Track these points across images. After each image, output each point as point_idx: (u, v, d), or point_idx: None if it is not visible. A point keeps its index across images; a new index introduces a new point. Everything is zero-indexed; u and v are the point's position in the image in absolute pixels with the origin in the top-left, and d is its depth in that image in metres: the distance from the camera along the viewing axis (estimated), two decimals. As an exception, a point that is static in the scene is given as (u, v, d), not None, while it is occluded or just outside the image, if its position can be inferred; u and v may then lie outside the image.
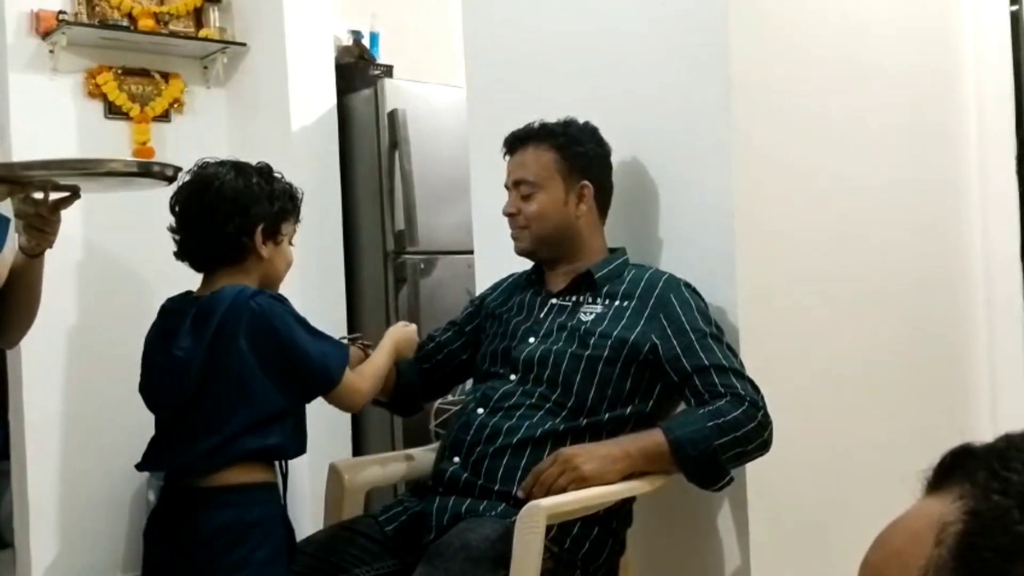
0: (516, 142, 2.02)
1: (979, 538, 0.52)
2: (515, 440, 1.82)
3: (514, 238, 2.02)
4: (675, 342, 1.84)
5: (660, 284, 1.92)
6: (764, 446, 1.79)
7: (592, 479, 1.69)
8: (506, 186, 2.04)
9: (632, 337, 1.86)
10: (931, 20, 2.48)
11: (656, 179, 2.15)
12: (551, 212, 1.97)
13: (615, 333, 1.87)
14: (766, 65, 2.09)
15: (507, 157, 2.05)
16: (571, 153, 1.98)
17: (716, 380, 1.79)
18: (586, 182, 1.99)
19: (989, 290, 2.55)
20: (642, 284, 1.93)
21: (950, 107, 2.52)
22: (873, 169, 2.30)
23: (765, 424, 1.78)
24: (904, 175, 2.38)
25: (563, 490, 1.67)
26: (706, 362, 1.81)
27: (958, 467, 0.58)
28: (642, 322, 1.88)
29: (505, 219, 2.03)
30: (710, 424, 1.73)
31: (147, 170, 1.52)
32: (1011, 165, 2.55)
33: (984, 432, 2.55)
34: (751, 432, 1.75)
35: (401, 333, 2.05)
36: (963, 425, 2.47)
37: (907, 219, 2.38)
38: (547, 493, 1.66)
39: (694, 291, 1.93)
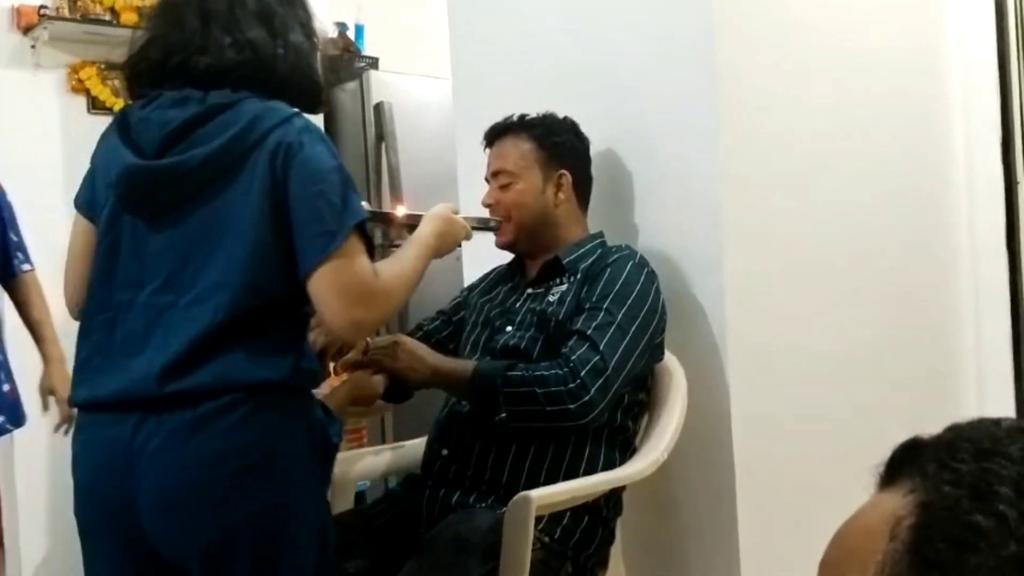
0: (495, 134, 2.05)
1: (932, 530, 0.52)
2: (500, 430, 1.82)
3: (496, 233, 2.03)
4: (578, 306, 1.86)
5: (613, 258, 1.92)
6: (566, 415, 1.73)
7: (397, 366, 1.80)
8: (486, 179, 2.05)
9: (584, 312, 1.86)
10: (917, 7, 2.48)
11: (642, 170, 2.15)
12: (529, 200, 1.98)
13: (572, 315, 1.87)
14: (752, 55, 2.09)
15: (486, 150, 2.06)
16: (549, 143, 2.01)
17: (569, 343, 1.79)
18: (564, 171, 2.01)
19: (976, 277, 2.56)
20: (605, 260, 1.93)
21: (935, 94, 2.53)
22: (859, 157, 2.31)
23: (575, 394, 1.72)
24: (890, 162, 2.39)
25: (375, 360, 1.81)
26: (576, 327, 1.82)
27: (908, 461, 0.58)
28: (584, 297, 1.88)
29: (486, 213, 2.04)
30: (515, 372, 1.75)
31: (485, 225, 1.96)
32: (996, 152, 2.56)
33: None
34: (553, 394, 1.72)
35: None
36: (950, 414, 2.48)
37: (894, 206, 2.39)
38: (371, 363, 1.81)
39: (643, 274, 1.90)
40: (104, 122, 3.74)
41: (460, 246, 1.91)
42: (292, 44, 1.55)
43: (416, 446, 2.09)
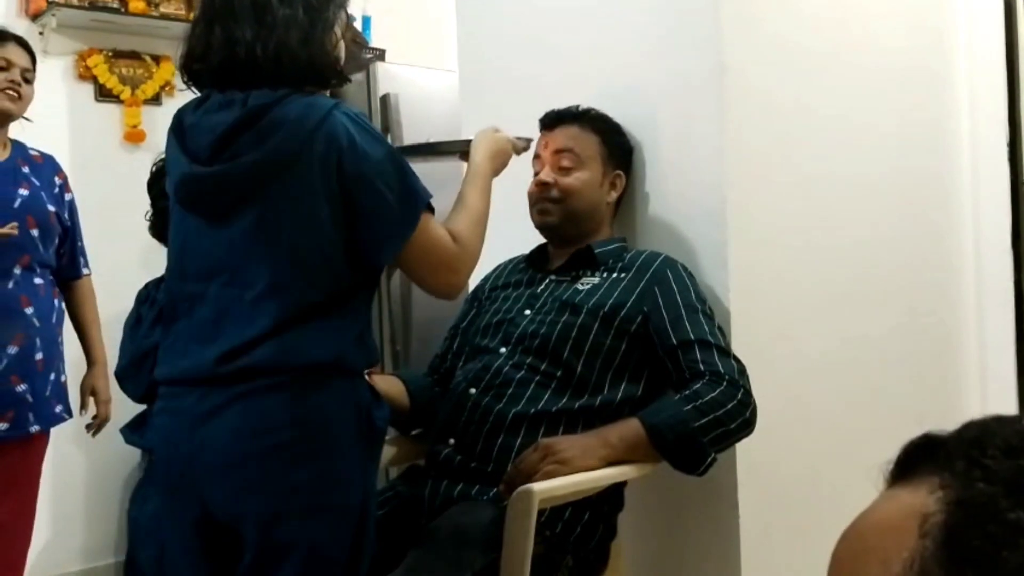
0: (560, 118, 2.07)
1: (967, 527, 0.52)
2: (508, 420, 1.82)
3: (541, 211, 2.03)
4: (665, 314, 1.86)
5: (658, 261, 1.95)
6: (747, 425, 1.78)
7: (573, 461, 1.69)
8: (536, 156, 2.07)
9: (625, 307, 1.88)
10: (925, 3, 2.48)
11: (648, 165, 2.15)
12: (588, 190, 2.02)
13: (609, 302, 1.89)
14: (758, 51, 2.09)
15: (543, 132, 2.08)
16: (612, 141, 2.07)
17: (698, 356, 1.80)
18: (620, 172, 2.07)
19: (980, 277, 2.56)
20: (640, 260, 1.97)
21: (942, 93, 2.52)
22: (865, 156, 2.30)
23: (746, 402, 1.77)
24: (896, 162, 2.38)
25: (545, 475, 1.66)
26: (691, 336, 1.82)
27: (926, 457, 0.57)
28: (636, 293, 1.90)
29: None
30: (687, 408, 1.73)
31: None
32: (1003, 153, 2.55)
33: (972, 417, 2.55)
34: (732, 411, 1.74)
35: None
36: (953, 413, 2.49)
37: (899, 206, 2.39)
38: (529, 479, 1.66)
39: (689, 272, 1.95)
40: (111, 110, 3.80)
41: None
42: (280, 21, 1.55)
43: (416, 438, 2.09)
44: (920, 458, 0.58)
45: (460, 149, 1.87)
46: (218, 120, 1.55)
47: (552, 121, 2.08)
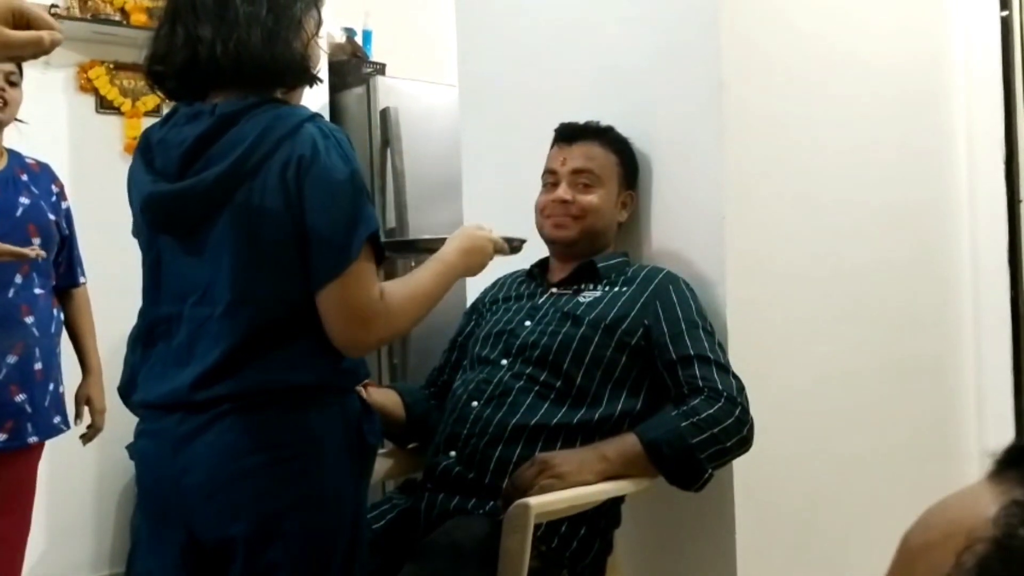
0: (579, 133, 2.07)
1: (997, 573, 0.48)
2: (508, 431, 1.82)
3: (557, 225, 2.03)
4: (665, 328, 1.86)
5: (660, 275, 1.96)
6: (744, 443, 1.78)
7: (570, 476, 1.68)
8: (550, 171, 2.06)
9: (627, 319, 1.89)
10: (922, 24, 2.49)
11: (647, 182, 2.16)
12: (605, 209, 2.04)
13: (611, 315, 1.90)
14: (757, 69, 2.10)
15: (559, 145, 2.08)
16: (627, 160, 2.09)
17: (697, 372, 1.80)
18: (632, 192, 2.09)
19: (976, 294, 2.57)
20: (642, 274, 1.98)
21: (940, 112, 2.53)
22: (863, 173, 2.31)
23: (743, 420, 1.77)
24: (893, 180, 2.39)
25: (541, 490, 1.65)
26: (691, 351, 1.82)
27: (1015, 464, 0.54)
28: (638, 306, 1.91)
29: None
30: (684, 424, 1.72)
31: (510, 242, 1.85)
32: (1000, 169, 2.56)
33: (969, 437, 2.57)
34: (729, 428, 1.74)
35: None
36: (949, 429, 2.49)
37: (896, 223, 2.39)
38: (525, 494, 1.65)
39: (691, 288, 1.96)
40: (111, 121, 3.80)
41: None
42: (241, 19, 1.48)
43: (412, 452, 2.09)
44: (1012, 463, 0.55)
45: (438, 247, 1.73)
46: (186, 133, 1.49)
47: (570, 136, 2.07)
